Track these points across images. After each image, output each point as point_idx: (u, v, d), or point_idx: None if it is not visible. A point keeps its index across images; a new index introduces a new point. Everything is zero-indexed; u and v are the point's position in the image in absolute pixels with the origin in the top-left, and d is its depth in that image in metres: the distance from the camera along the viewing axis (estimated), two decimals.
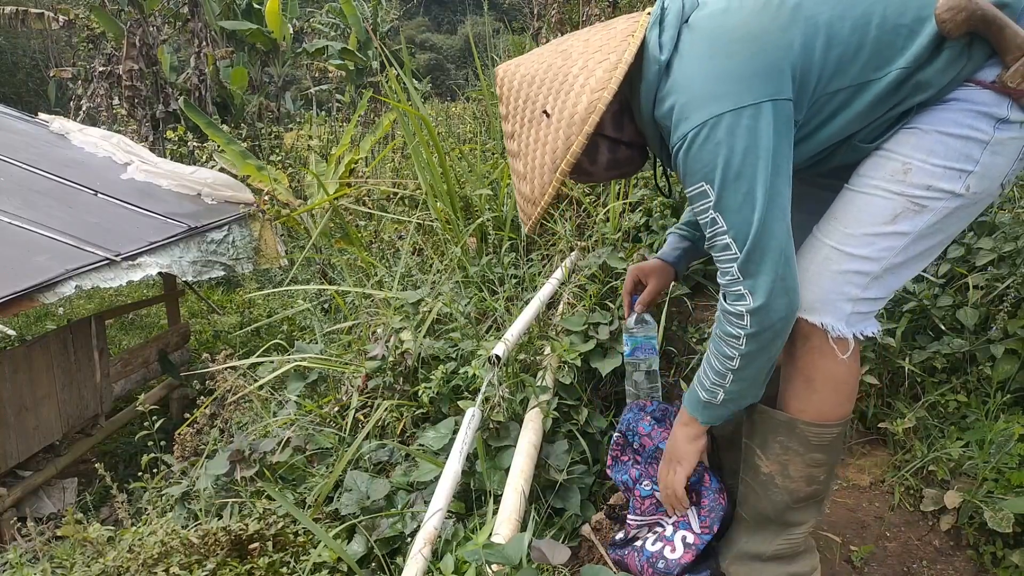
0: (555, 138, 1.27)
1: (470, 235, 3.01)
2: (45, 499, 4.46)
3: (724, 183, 1.16)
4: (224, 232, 5.24)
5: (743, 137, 1.14)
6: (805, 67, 1.17)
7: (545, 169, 1.29)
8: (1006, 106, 1.16)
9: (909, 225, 1.20)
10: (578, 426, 1.96)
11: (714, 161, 1.15)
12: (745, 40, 1.17)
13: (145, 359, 5.61)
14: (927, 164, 1.18)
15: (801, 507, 1.38)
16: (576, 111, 1.24)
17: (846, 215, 1.25)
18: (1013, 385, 1.89)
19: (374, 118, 10.15)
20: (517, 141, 1.35)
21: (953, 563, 1.66)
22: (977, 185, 1.18)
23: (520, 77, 1.34)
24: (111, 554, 1.83)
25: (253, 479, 2.13)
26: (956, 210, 1.20)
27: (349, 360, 2.58)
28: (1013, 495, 1.64)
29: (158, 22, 10.35)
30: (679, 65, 1.20)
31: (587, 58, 1.27)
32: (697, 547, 1.48)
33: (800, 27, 1.17)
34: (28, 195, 4.63)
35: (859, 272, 1.23)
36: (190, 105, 7.62)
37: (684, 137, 1.17)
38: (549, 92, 1.29)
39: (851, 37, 1.17)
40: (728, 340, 1.25)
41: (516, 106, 1.34)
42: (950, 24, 1.12)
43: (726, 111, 1.14)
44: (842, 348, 1.26)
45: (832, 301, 1.25)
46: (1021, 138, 1.18)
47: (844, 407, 1.32)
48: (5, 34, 19.05)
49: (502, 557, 1.23)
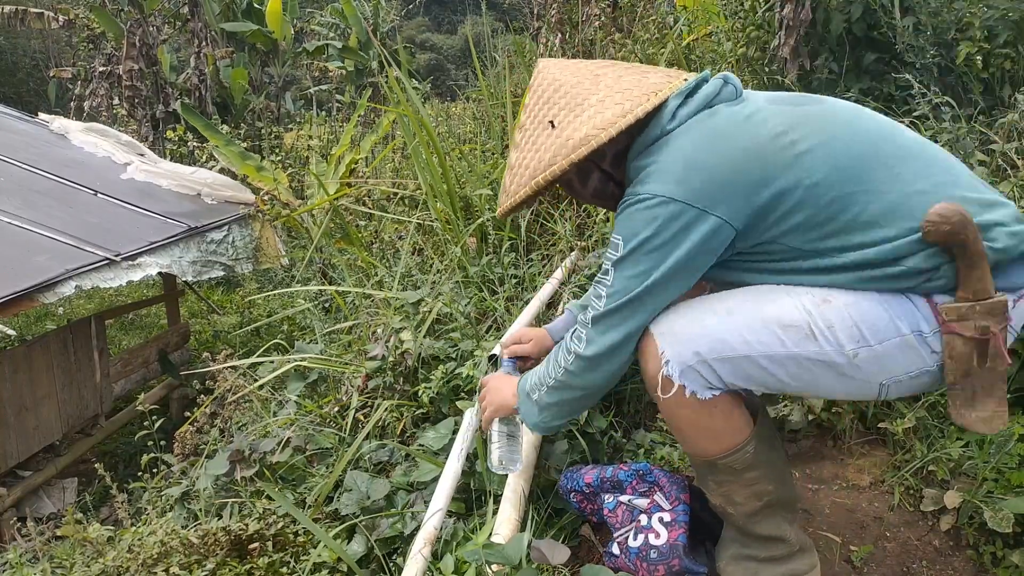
0: (547, 150, 1.33)
1: (470, 235, 3.01)
2: (45, 499, 4.46)
3: (635, 250, 1.23)
4: (224, 232, 5.24)
5: (675, 230, 1.20)
6: (767, 210, 1.20)
7: (527, 172, 1.36)
8: (930, 327, 1.19)
9: (793, 342, 1.21)
10: (578, 426, 1.96)
11: (641, 229, 1.22)
12: (739, 153, 1.21)
13: (145, 359, 5.61)
14: (844, 309, 1.20)
15: (765, 517, 1.39)
16: (572, 137, 1.30)
17: (758, 294, 1.27)
18: (1013, 385, 1.89)
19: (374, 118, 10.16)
20: (523, 134, 1.41)
21: (953, 563, 1.66)
22: (864, 361, 1.20)
23: (552, 79, 1.41)
24: (111, 554, 1.83)
25: (253, 479, 2.13)
26: (832, 365, 1.21)
27: (349, 360, 2.58)
28: (1013, 495, 1.64)
29: (158, 22, 10.35)
30: (676, 138, 1.26)
31: (610, 93, 1.32)
32: (677, 521, 1.51)
33: (791, 174, 1.20)
34: (28, 195, 4.63)
35: (724, 341, 1.23)
36: (188, 108, 7.62)
37: (636, 195, 1.24)
38: (564, 107, 1.34)
39: (825, 209, 1.19)
40: (559, 362, 1.37)
41: (536, 103, 1.40)
42: (932, 230, 1.14)
43: (679, 200, 1.19)
44: (665, 387, 1.26)
45: (685, 339, 1.24)
46: (924, 363, 1.20)
47: (734, 436, 1.31)
48: (5, 34, 19.04)
49: (502, 557, 1.23)
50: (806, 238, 1.21)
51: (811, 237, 1.21)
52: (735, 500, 1.37)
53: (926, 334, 1.19)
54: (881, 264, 1.18)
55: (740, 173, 1.20)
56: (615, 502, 1.63)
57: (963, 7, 2.78)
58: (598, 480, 1.68)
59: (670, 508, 1.53)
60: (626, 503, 1.61)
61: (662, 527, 1.51)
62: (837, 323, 1.20)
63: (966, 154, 2.30)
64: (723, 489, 1.38)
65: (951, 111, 2.44)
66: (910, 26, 2.81)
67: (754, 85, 3.37)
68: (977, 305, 1.15)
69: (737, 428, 1.31)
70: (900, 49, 2.86)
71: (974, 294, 1.15)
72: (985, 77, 2.79)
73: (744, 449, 1.32)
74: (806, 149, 1.20)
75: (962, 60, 2.68)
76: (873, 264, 1.19)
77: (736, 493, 1.37)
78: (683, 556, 1.47)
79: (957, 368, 1.19)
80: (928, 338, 1.19)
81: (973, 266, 1.14)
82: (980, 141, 2.53)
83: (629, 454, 2.00)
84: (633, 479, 1.64)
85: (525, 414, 1.50)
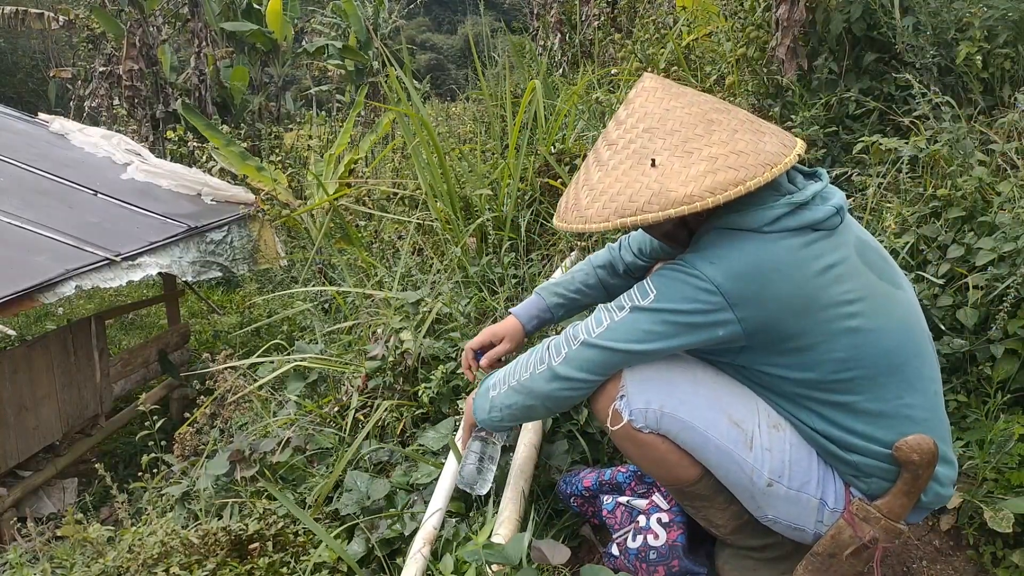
0: (641, 189, 1.23)
1: (470, 235, 3.01)
2: (45, 499, 4.46)
3: (659, 312, 1.24)
4: (224, 232, 5.23)
5: (703, 320, 1.22)
6: (783, 352, 1.25)
7: (612, 205, 1.25)
8: (833, 505, 1.31)
9: (732, 440, 1.28)
10: (578, 426, 1.96)
11: (678, 300, 1.23)
12: (799, 302, 1.21)
13: (145, 359, 5.60)
14: (786, 444, 1.29)
15: (752, 531, 1.40)
16: (675, 191, 1.20)
17: (725, 382, 1.33)
18: (1013, 385, 1.89)
19: (374, 117, 10.16)
20: (612, 153, 1.31)
21: (953, 563, 1.66)
22: (773, 494, 1.29)
23: (659, 106, 1.31)
24: (111, 554, 1.83)
25: (253, 479, 2.13)
26: (749, 480, 1.28)
27: (349, 360, 2.58)
28: (1013, 495, 1.64)
29: (158, 22, 10.34)
30: (764, 243, 1.22)
31: (724, 152, 1.23)
32: (676, 521, 1.51)
33: (828, 343, 1.23)
34: (28, 195, 4.62)
35: (683, 404, 1.29)
36: (188, 108, 7.62)
37: (693, 267, 1.23)
38: (670, 147, 1.25)
39: (831, 381, 1.25)
40: (527, 367, 1.38)
41: (636, 126, 1.31)
42: (903, 452, 1.24)
43: (724, 296, 1.20)
44: (615, 419, 1.32)
45: (650, 386, 1.30)
46: (809, 525, 1.32)
47: (688, 470, 1.34)
48: (5, 34, 19.02)
49: (502, 557, 1.23)
50: (798, 383, 1.27)
51: (804, 385, 1.27)
52: (716, 522, 1.40)
53: (828, 507, 1.31)
54: (843, 446, 1.28)
55: (787, 316, 1.21)
56: (614, 503, 1.63)
57: (963, 7, 2.78)
58: (596, 483, 1.68)
59: (668, 508, 1.54)
60: (625, 504, 1.61)
61: (660, 528, 1.51)
62: (775, 450, 1.28)
63: (966, 154, 2.30)
64: (701, 513, 1.40)
65: (951, 111, 2.44)
66: (910, 26, 2.81)
67: (754, 85, 3.37)
68: (884, 520, 1.28)
69: (691, 460, 1.33)
70: (900, 49, 2.86)
71: (888, 512, 1.28)
72: (985, 77, 2.79)
73: (704, 478, 1.33)
74: (856, 327, 1.23)
75: (962, 60, 2.68)
76: (837, 443, 1.27)
77: (714, 516, 1.39)
78: (682, 557, 1.47)
79: (830, 547, 1.31)
80: (827, 511, 1.31)
81: (907, 495, 1.27)
82: (980, 141, 2.53)
83: None
84: (632, 480, 1.64)
85: (477, 407, 1.51)
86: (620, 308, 1.28)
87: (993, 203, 2.13)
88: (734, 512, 1.37)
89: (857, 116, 2.98)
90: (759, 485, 1.28)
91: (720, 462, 1.29)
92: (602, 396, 1.35)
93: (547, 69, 5.99)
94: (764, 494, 1.29)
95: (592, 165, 1.35)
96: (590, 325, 1.31)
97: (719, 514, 1.38)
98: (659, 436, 1.31)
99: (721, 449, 1.27)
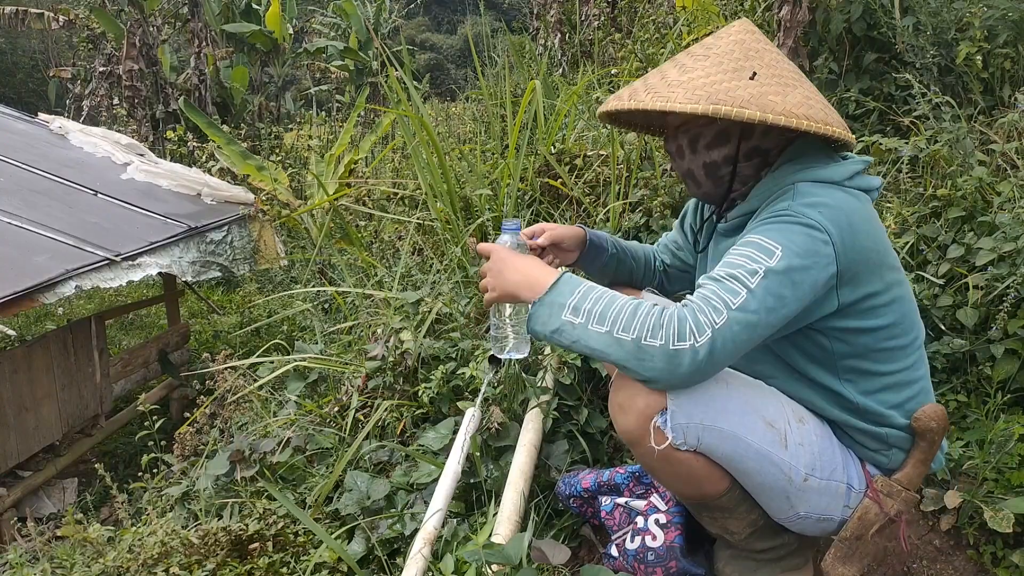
0: (737, 91, 1.20)
1: (470, 235, 3.01)
2: (45, 499, 4.46)
3: (788, 271, 1.13)
4: (224, 232, 5.23)
5: (820, 274, 1.17)
6: (857, 300, 1.24)
7: (703, 93, 1.20)
8: (859, 487, 1.32)
9: (769, 441, 1.24)
10: (578, 426, 1.97)
11: (801, 253, 1.15)
12: (884, 255, 1.26)
13: (145, 359, 5.60)
14: (813, 436, 1.30)
15: (761, 534, 1.39)
16: (775, 102, 1.19)
17: (751, 384, 1.31)
18: (1013, 385, 1.89)
19: (374, 117, 10.16)
20: (695, 61, 1.28)
21: (953, 563, 1.66)
22: (809, 488, 1.28)
23: (758, 43, 1.30)
24: (111, 554, 1.83)
25: (253, 479, 2.13)
26: (787, 478, 1.26)
27: (349, 360, 2.58)
28: (1013, 495, 1.64)
29: (158, 22, 10.34)
30: (846, 195, 1.23)
31: (814, 94, 1.27)
32: (673, 522, 1.51)
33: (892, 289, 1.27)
34: (28, 195, 4.62)
35: (723, 412, 1.21)
36: (190, 105, 7.62)
37: (807, 216, 1.17)
38: (769, 75, 1.24)
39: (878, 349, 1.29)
40: (644, 322, 1.11)
41: (731, 50, 1.28)
42: (921, 422, 1.28)
43: (837, 249, 1.17)
44: (658, 438, 1.20)
45: (692, 399, 1.20)
46: (836, 511, 1.31)
47: (718, 483, 1.29)
48: (5, 34, 19.03)
49: (502, 557, 1.23)
50: (851, 351, 1.27)
51: (855, 355, 1.28)
52: (732, 530, 1.38)
53: (854, 489, 1.31)
54: (876, 419, 1.30)
55: (864, 271, 1.22)
56: (612, 504, 1.63)
57: (963, 7, 2.78)
58: (595, 484, 1.68)
59: (666, 509, 1.53)
60: (623, 505, 1.61)
61: (658, 529, 1.51)
62: (806, 444, 1.27)
63: (966, 154, 2.30)
64: (719, 523, 1.38)
65: (951, 111, 2.44)
66: (910, 26, 2.81)
67: None
68: (904, 492, 1.30)
69: (721, 474, 1.28)
70: (900, 49, 2.86)
71: (908, 483, 1.31)
72: (985, 77, 2.79)
73: (731, 490, 1.31)
74: (901, 295, 1.29)
75: (962, 60, 2.68)
76: (871, 415, 1.30)
77: (732, 525, 1.37)
78: (680, 558, 1.47)
79: (857, 529, 1.31)
80: (854, 493, 1.31)
81: (923, 463, 1.30)
82: (980, 141, 2.53)
83: (629, 454, 2.00)
84: (630, 482, 1.64)
85: (539, 317, 1.21)
86: (752, 273, 1.12)
87: (993, 203, 2.13)
88: (752, 519, 1.35)
89: (857, 116, 2.99)
90: (796, 482, 1.26)
91: (760, 467, 1.24)
92: (633, 409, 1.20)
93: (547, 69, 5.99)
94: (800, 490, 1.27)
95: (669, 68, 1.30)
96: (723, 298, 1.11)
97: (737, 523, 1.36)
98: (694, 453, 1.22)
99: (761, 453, 1.23)
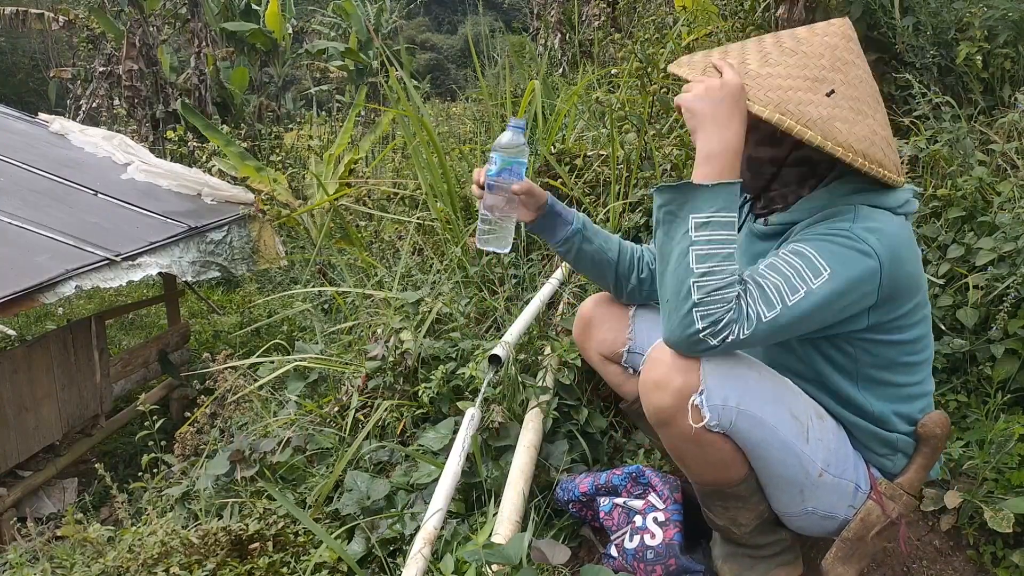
0: (808, 106, 1.20)
1: (470, 235, 3.01)
2: (45, 499, 4.46)
3: (834, 299, 1.18)
4: (223, 232, 5.23)
5: (859, 293, 1.20)
6: (890, 309, 1.27)
7: (774, 95, 1.19)
8: (864, 488, 1.35)
9: (794, 433, 1.26)
10: (578, 426, 1.96)
11: (848, 282, 1.18)
12: (919, 280, 1.31)
13: (145, 359, 5.60)
14: (831, 433, 1.33)
15: (764, 528, 1.40)
16: (840, 131, 1.20)
17: (778, 377, 1.32)
18: (1013, 385, 1.89)
19: (374, 117, 10.16)
20: (781, 54, 1.26)
21: (953, 563, 1.66)
22: (823, 483, 1.30)
23: (851, 56, 1.29)
24: (111, 554, 1.83)
25: (253, 479, 2.13)
26: (805, 472, 1.28)
27: (349, 360, 2.58)
28: (1013, 495, 1.64)
29: (158, 22, 10.35)
30: (899, 225, 1.26)
31: (884, 131, 1.28)
32: (672, 520, 1.51)
33: (923, 309, 1.33)
34: (28, 195, 4.62)
35: (757, 399, 1.24)
36: (188, 107, 7.62)
37: (863, 240, 1.20)
38: (847, 95, 1.23)
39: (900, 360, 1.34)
40: (720, 269, 1.15)
41: (822, 54, 1.26)
42: (927, 428, 1.33)
43: (882, 271, 1.20)
44: (695, 417, 1.20)
45: (728, 380, 1.22)
46: (841, 511, 1.35)
47: (740, 468, 1.30)
48: (5, 34, 19.03)
49: (502, 557, 1.23)
50: (875, 362, 1.30)
51: (879, 365, 1.31)
52: (740, 522, 1.39)
53: (861, 490, 1.35)
54: (888, 426, 1.33)
55: (902, 295, 1.26)
56: (611, 505, 1.63)
57: (963, 7, 2.78)
58: (593, 487, 1.68)
59: (664, 508, 1.54)
60: (621, 505, 1.62)
61: (657, 527, 1.51)
62: (824, 440, 1.30)
63: (966, 154, 2.30)
64: (730, 513, 1.38)
65: (951, 111, 2.44)
66: (910, 26, 2.81)
67: None
68: (905, 496, 1.34)
69: (742, 459, 1.30)
70: (900, 49, 2.86)
71: (909, 487, 1.34)
72: (985, 77, 2.79)
73: (748, 478, 1.32)
74: (926, 314, 1.34)
75: (962, 60, 2.68)
76: (885, 422, 1.33)
77: (742, 516, 1.38)
78: (679, 555, 1.47)
79: (859, 530, 1.34)
80: (860, 494, 1.35)
81: (925, 468, 1.35)
82: (980, 141, 2.53)
83: (629, 454, 2.00)
84: (627, 482, 1.64)
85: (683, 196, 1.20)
86: (794, 291, 1.16)
87: (993, 203, 2.13)
88: (760, 511, 1.36)
89: None
90: (812, 476, 1.28)
91: (783, 457, 1.26)
92: (670, 387, 1.21)
93: (547, 69, 5.99)
94: (814, 485, 1.29)
95: (753, 52, 1.28)
96: (758, 310, 1.16)
97: (748, 513, 1.36)
98: (722, 435, 1.24)
99: (786, 443, 1.25)
